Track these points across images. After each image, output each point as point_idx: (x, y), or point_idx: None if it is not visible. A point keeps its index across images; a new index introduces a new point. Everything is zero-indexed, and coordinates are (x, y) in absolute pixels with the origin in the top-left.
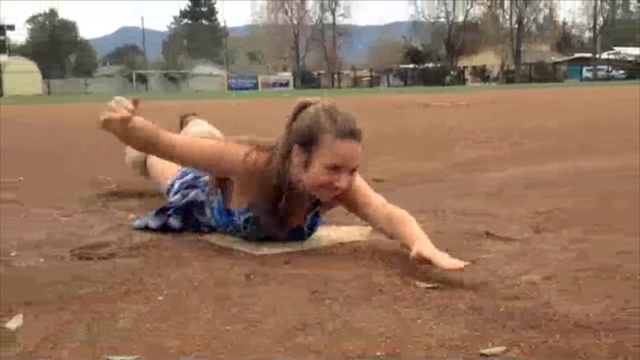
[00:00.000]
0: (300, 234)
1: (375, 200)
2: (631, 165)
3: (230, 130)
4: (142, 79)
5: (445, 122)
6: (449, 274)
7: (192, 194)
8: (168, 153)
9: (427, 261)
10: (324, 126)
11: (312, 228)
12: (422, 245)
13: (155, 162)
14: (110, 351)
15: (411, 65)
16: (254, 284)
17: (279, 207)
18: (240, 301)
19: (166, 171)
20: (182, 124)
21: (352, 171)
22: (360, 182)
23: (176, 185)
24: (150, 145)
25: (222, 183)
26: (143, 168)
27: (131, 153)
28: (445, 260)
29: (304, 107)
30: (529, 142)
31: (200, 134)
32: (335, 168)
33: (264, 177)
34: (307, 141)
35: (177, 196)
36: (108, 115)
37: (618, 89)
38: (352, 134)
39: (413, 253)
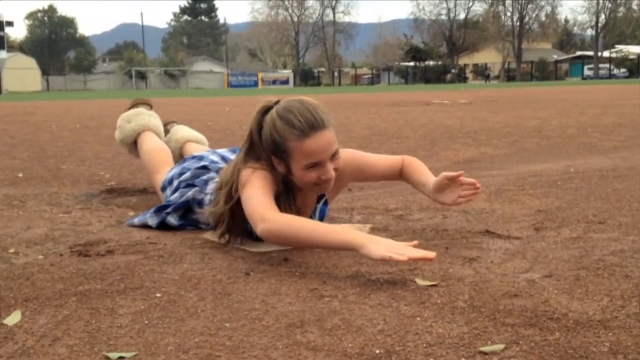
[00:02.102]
0: None
1: (383, 160)
2: (631, 164)
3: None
4: (142, 76)
5: (445, 120)
6: (450, 271)
7: (190, 192)
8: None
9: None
10: (284, 135)
11: (322, 218)
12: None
13: (147, 157)
14: (108, 348)
15: (412, 63)
16: (253, 281)
17: (295, 206)
18: (239, 298)
19: (158, 167)
20: (165, 130)
21: (333, 156)
22: (358, 155)
23: (175, 183)
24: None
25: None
26: (132, 149)
27: (120, 133)
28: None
29: (262, 114)
30: (530, 140)
31: (187, 137)
32: (315, 164)
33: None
34: (278, 152)
35: (176, 194)
36: (407, 254)
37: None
38: (313, 128)
39: (440, 177)
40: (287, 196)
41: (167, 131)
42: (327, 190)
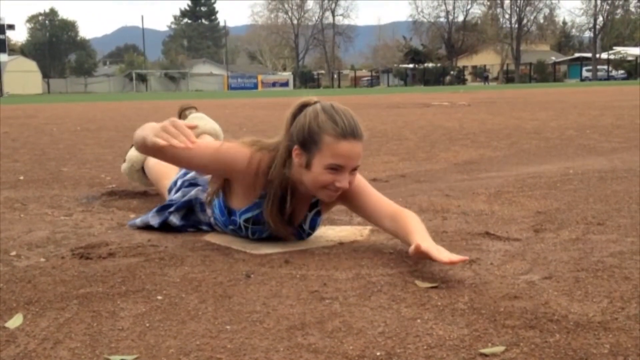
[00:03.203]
0: (299, 234)
1: (379, 199)
2: (630, 166)
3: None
4: (142, 79)
5: (445, 122)
6: (449, 272)
7: (193, 192)
8: (176, 157)
9: (424, 255)
10: (323, 127)
11: (312, 227)
12: (420, 239)
13: (153, 166)
14: (110, 350)
15: (411, 65)
16: (254, 284)
17: (285, 208)
18: (240, 301)
19: (166, 173)
20: (181, 117)
21: (353, 170)
22: (361, 181)
23: (179, 183)
24: (158, 152)
25: (224, 182)
26: (141, 176)
27: (127, 163)
28: (442, 254)
29: (303, 107)
30: (529, 142)
31: (202, 129)
32: (336, 168)
33: (267, 178)
34: (307, 142)
35: (178, 194)
36: (169, 140)
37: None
38: (352, 134)
39: (410, 248)
40: (281, 195)
41: (184, 116)
42: (331, 199)
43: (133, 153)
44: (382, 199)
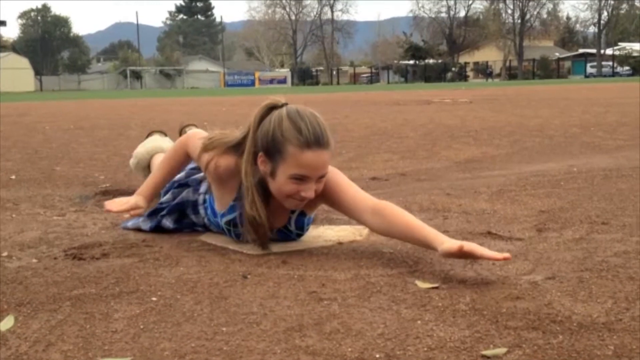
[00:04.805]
0: (287, 235)
1: (356, 193)
2: (635, 164)
3: None
4: (137, 76)
5: (446, 119)
6: (450, 273)
7: (184, 193)
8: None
9: (465, 256)
10: (287, 136)
11: (300, 228)
12: (445, 237)
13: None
14: (103, 353)
15: (411, 62)
16: (251, 285)
17: (270, 208)
18: (237, 302)
19: None
20: (181, 133)
21: (320, 178)
22: (338, 177)
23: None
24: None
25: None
26: (147, 173)
27: (135, 158)
28: (489, 252)
29: (268, 109)
30: (532, 139)
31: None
32: (301, 178)
33: (235, 181)
34: (272, 151)
35: (168, 195)
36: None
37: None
38: (317, 143)
39: (447, 248)
40: (263, 195)
41: (184, 132)
42: (298, 207)
43: (140, 150)
44: (359, 193)
